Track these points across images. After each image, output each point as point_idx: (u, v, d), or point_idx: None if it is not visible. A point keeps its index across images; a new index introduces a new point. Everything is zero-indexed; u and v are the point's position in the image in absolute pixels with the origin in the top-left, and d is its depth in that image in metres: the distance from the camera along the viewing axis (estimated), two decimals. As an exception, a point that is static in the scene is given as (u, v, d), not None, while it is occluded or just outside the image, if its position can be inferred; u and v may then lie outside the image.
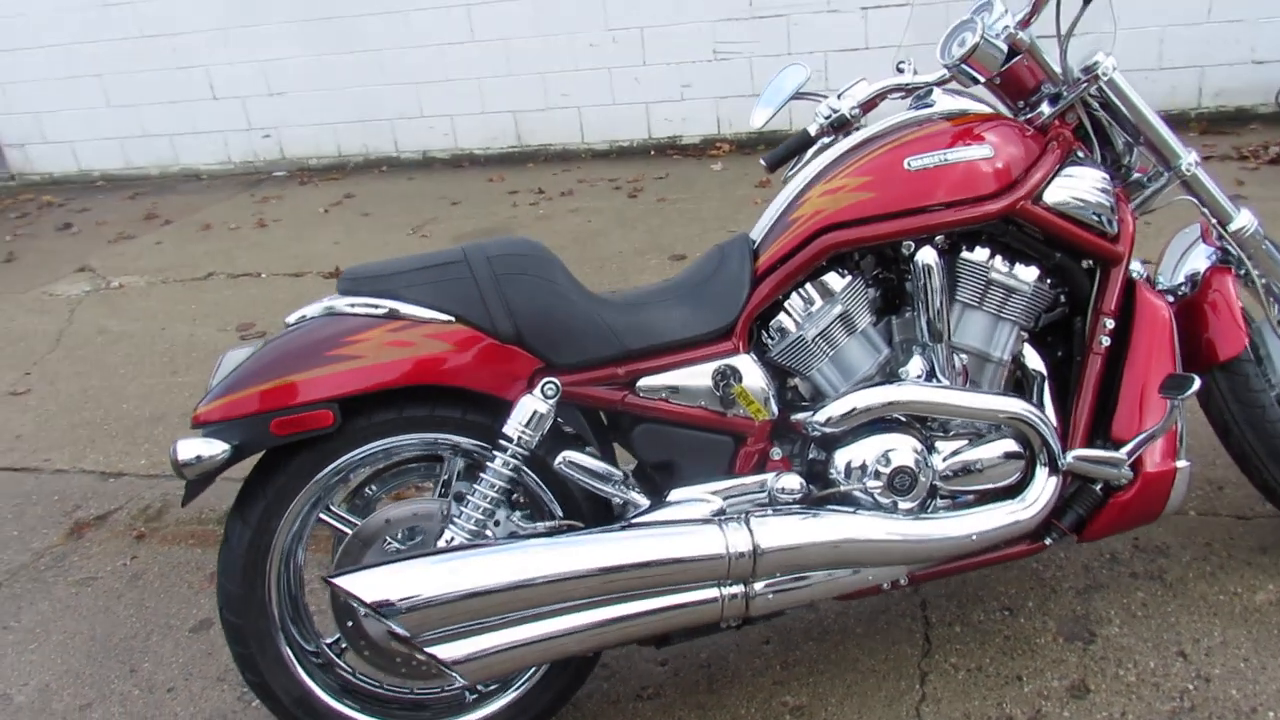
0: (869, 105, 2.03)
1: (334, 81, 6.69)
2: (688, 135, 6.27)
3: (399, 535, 1.71)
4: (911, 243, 1.77)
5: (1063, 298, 1.93)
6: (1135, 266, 2.08)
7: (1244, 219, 2.00)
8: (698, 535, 1.61)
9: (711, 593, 1.64)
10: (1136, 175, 2.02)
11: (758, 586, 1.66)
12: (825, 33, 5.81)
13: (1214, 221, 2.00)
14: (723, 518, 1.64)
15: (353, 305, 1.67)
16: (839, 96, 2.01)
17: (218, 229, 5.70)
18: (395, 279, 1.70)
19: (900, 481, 1.74)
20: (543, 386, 1.63)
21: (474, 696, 1.82)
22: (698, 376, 1.73)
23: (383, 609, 1.49)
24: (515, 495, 1.79)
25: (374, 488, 1.84)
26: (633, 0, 6.00)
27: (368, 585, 1.50)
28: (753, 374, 1.75)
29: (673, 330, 1.73)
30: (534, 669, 1.78)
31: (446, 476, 1.78)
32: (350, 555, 1.71)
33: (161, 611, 2.36)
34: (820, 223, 1.75)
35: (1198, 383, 1.74)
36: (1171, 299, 2.05)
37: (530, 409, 1.62)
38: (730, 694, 1.92)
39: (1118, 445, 1.83)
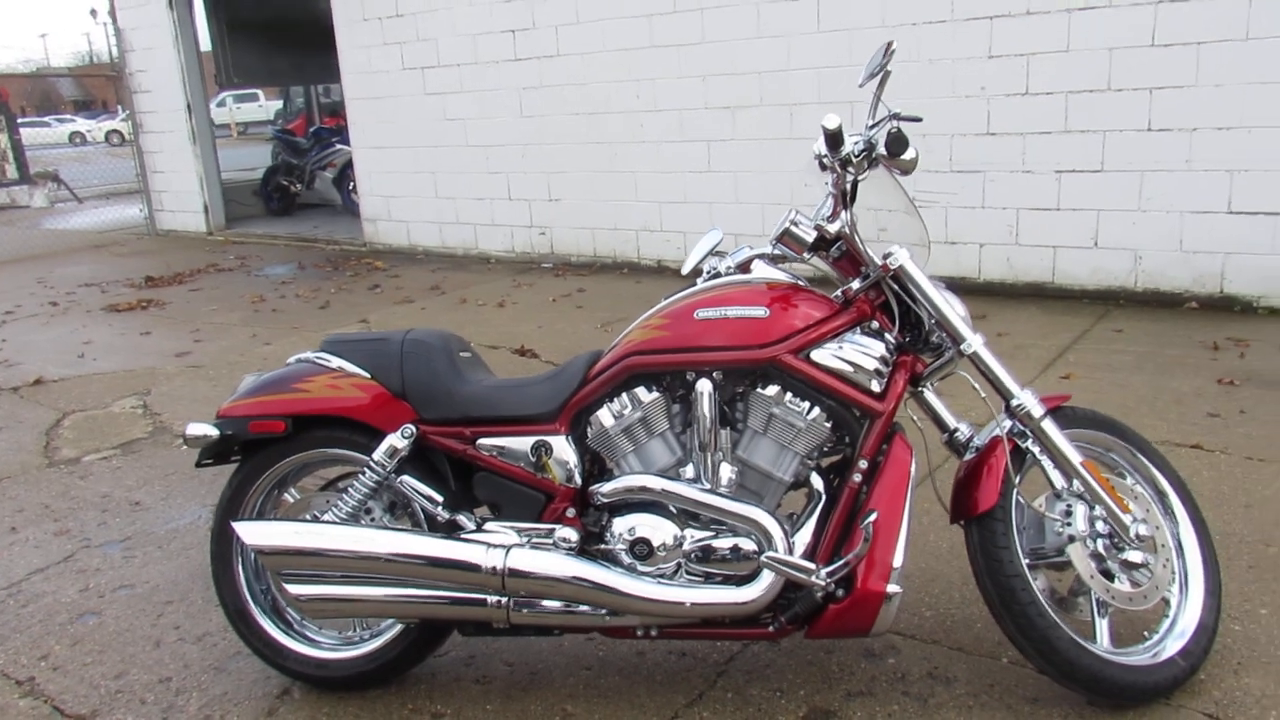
0: (744, 266, 2.61)
1: (598, 194, 7.92)
2: (884, 272, 6.70)
3: (318, 512, 2.53)
4: (694, 373, 2.32)
5: (848, 439, 2.36)
6: (963, 427, 2.45)
7: (1023, 398, 2.32)
8: (466, 550, 2.27)
9: (480, 597, 2.29)
10: (948, 347, 2.40)
11: (513, 602, 2.28)
12: (1017, 191, 6.07)
13: (983, 397, 2.33)
14: (493, 544, 2.29)
15: (318, 358, 2.55)
16: (721, 257, 2.62)
17: (470, 304, 7.02)
18: (349, 345, 2.55)
19: (639, 549, 2.27)
20: (402, 430, 2.39)
21: (359, 639, 2.57)
22: (521, 444, 2.39)
23: (255, 549, 2.32)
24: (412, 507, 2.54)
25: (344, 482, 2.67)
26: (847, 147, 6.60)
27: (249, 531, 2.33)
28: (562, 450, 2.38)
29: (509, 408, 2.41)
30: (391, 626, 2.50)
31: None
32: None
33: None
34: (628, 349, 2.36)
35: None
36: (973, 454, 2.39)
37: (390, 443, 2.39)
38: (534, 694, 2.51)
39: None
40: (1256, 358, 4.70)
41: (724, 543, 2.28)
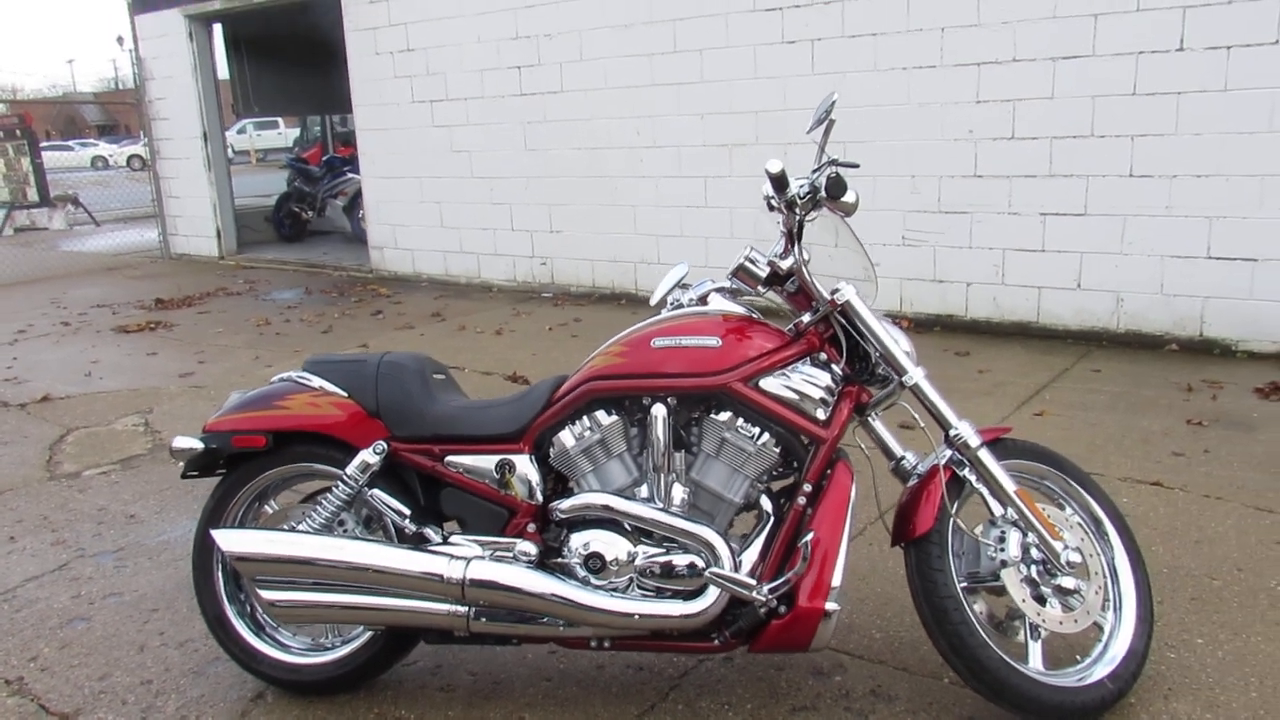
0: (704, 299, 2.74)
1: (598, 227, 8.10)
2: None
3: (295, 523, 2.66)
4: (650, 398, 2.46)
5: (795, 463, 2.49)
6: (909, 455, 2.56)
7: (961, 429, 2.44)
8: (429, 561, 2.40)
9: (442, 606, 2.42)
10: (892, 379, 2.53)
11: (473, 611, 2.40)
12: (1004, 232, 6.21)
13: (922, 426, 2.46)
14: (455, 556, 2.41)
15: (300, 377, 2.69)
16: (685, 290, 2.76)
17: (468, 331, 7.18)
18: (329, 365, 2.70)
19: (592, 563, 2.40)
20: (374, 446, 2.53)
21: (330, 645, 2.70)
22: (486, 462, 2.53)
23: (231, 555, 2.45)
24: (384, 520, 2.67)
25: (321, 496, 2.81)
26: (839, 186, 6.77)
27: (226, 539, 2.47)
28: (525, 469, 2.51)
29: (475, 427, 2.55)
30: (360, 633, 2.62)
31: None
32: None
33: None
34: (589, 374, 2.50)
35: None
36: (915, 481, 2.51)
37: (362, 458, 2.53)
38: (495, 702, 2.62)
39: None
40: (1228, 399, 4.80)
41: (674, 559, 2.40)
